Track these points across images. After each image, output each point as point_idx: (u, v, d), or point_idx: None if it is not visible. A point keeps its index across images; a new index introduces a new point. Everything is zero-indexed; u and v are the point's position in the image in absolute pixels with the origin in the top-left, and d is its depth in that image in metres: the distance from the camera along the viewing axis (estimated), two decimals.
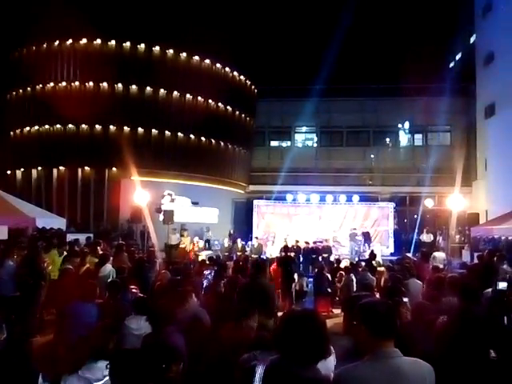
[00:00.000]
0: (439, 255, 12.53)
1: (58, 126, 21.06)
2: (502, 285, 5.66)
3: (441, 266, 9.95)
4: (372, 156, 26.72)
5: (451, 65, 29.38)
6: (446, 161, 25.45)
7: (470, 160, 24.52)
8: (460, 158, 24.55)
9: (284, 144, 28.30)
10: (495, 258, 8.39)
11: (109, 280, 6.63)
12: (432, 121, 26.15)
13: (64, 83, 21.07)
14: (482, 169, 22.19)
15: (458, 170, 22.19)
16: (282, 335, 2.20)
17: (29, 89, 21.86)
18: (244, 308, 4.17)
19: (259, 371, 2.08)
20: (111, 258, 8.45)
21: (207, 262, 10.44)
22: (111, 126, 20.85)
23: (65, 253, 8.80)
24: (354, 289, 9.28)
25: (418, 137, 26.98)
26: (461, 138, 25.41)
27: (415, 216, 25.47)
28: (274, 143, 28.41)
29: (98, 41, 20.91)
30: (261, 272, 5.73)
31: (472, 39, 24.94)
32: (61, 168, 21.18)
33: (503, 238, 11.64)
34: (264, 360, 2.16)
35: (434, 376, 2.11)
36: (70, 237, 12.93)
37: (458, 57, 28.77)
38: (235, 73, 24.53)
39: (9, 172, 22.37)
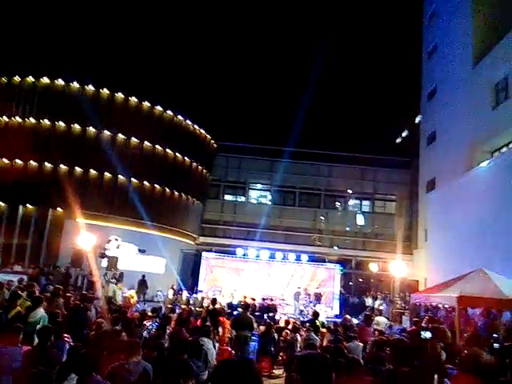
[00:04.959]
0: (382, 320, 12.79)
1: (5, 160, 20.21)
2: (428, 334, 5.94)
3: (383, 330, 10.16)
4: (322, 218, 27.54)
5: (398, 140, 31.75)
6: (390, 228, 26.86)
7: (412, 229, 25.89)
8: (403, 226, 25.99)
9: (238, 199, 28.62)
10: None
11: (38, 326, 6.18)
12: (379, 190, 27.80)
13: (18, 118, 20.54)
14: (422, 238, 23.36)
15: (400, 238, 23.35)
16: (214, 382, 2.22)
17: None
18: (182, 368, 4.06)
19: None
20: (44, 303, 7.91)
21: (149, 314, 10.01)
22: (62, 166, 20.29)
23: None
24: (298, 348, 9.19)
25: (366, 203, 28.35)
26: (405, 208, 26.96)
27: (360, 279, 26.14)
28: (228, 197, 28.67)
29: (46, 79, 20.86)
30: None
31: (417, 119, 27.26)
32: (1, 204, 20.03)
33: (440, 305, 12.11)
34: None
35: None
36: (1, 277, 12.01)
37: (404, 134, 31.19)
38: (196, 126, 25.01)
39: None
